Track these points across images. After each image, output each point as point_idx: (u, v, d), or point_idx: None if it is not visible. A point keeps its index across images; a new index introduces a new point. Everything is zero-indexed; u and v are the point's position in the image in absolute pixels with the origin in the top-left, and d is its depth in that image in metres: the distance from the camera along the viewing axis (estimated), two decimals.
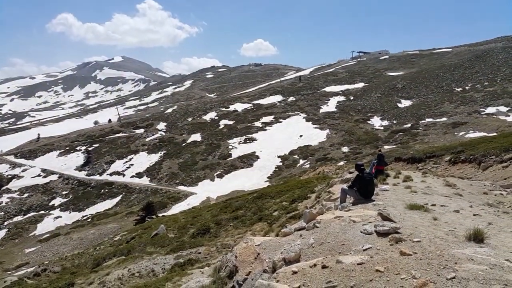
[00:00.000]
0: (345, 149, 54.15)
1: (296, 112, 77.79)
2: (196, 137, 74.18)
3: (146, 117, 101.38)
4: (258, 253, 5.64)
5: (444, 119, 55.89)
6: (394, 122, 61.26)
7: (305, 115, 74.84)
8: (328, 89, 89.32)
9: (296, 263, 5.16)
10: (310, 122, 70.40)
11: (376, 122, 63.68)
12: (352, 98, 79.23)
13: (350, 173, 19.40)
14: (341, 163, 43.88)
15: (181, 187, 55.97)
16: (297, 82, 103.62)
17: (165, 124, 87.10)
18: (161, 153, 69.85)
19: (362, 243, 5.60)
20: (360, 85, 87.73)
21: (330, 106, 77.31)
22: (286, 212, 16.17)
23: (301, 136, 64.82)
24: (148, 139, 78.40)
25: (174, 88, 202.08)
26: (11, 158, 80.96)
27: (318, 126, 67.77)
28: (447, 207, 8.75)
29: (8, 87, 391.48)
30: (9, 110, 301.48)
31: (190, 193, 52.53)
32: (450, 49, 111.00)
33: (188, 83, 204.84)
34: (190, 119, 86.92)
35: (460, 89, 67.08)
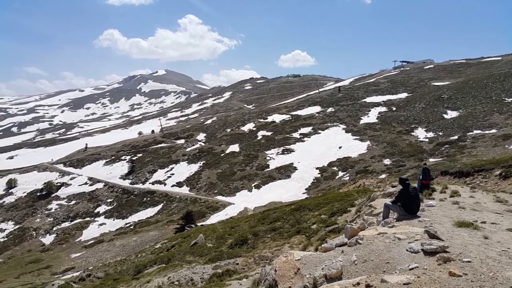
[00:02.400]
0: (387, 161, 52.55)
1: (335, 123, 76.70)
2: (235, 147, 74.90)
3: (186, 128, 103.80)
4: (298, 268, 5.53)
5: (493, 131, 52.97)
6: (440, 133, 58.83)
7: (345, 126, 73.60)
8: (369, 99, 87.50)
9: (338, 280, 5.02)
10: (350, 134, 69.10)
11: (421, 133, 61.43)
12: (394, 108, 77.08)
13: (393, 186, 18.76)
14: (383, 176, 42.59)
15: (219, 197, 56.51)
16: (336, 92, 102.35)
17: (204, 134, 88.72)
18: (200, 163, 71.08)
19: (408, 262, 5.36)
20: (403, 95, 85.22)
21: (371, 117, 75.57)
22: (325, 226, 15.84)
23: (340, 147, 63.70)
24: (188, 149, 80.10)
25: (214, 100, 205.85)
26: (61, 166, 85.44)
27: (358, 137, 66.36)
28: (499, 225, 8.21)
29: (59, 100, 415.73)
30: (60, 121, 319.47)
31: (228, 203, 52.88)
32: (500, 58, 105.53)
33: (227, 95, 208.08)
34: (228, 130, 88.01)
35: (511, 99, 63.51)
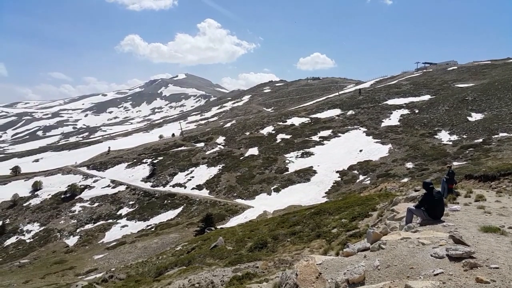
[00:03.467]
0: (409, 165, 51.58)
1: (355, 126, 75.87)
2: (254, 151, 75.00)
3: (206, 131, 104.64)
4: (319, 273, 5.49)
5: None
6: (464, 136, 57.41)
7: (365, 129, 72.70)
8: (390, 102, 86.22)
9: (360, 285, 4.95)
10: (371, 137, 68.20)
11: (444, 136, 60.10)
12: (417, 111, 75.69)
13: (416, 190, 18.39)
14: (405, 179, 41.84)
15: (239, 200, 56.63)
16: (356, 95, 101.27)
17: (224, 138, 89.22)
18: (220, 166, 71.47)
19: (433, 268, 5.25)
20: (426, 97, 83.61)
21: (393, 119, 74.40)
22: (346, 230, 15.66)
23: (361, 150, 62.93)
24: (208, 152, 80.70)
25: (233, 103, 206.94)
26: (84, 169, 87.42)
27: (379, 140, 65.42)
28: None
29: (83, 104, 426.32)
30: (83, 124, 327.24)
31: (247, 206, 52.95)
32: None
33: (246, 98, 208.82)
34: (248, 133, 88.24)
35: None
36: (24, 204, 73.01)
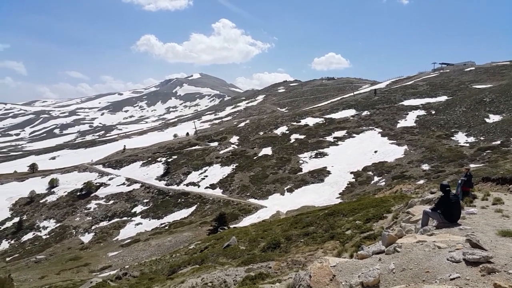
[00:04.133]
0: (425, 166, 50.85)
1: (370, 127, 75.13)
2: (267, 150, 74.96)
3: (220, 130, 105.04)
4: (333, 275, 5.45)
5: None
6: (482, 138, 56.31)
7: (381, 130, 71.93)
8: (406, 102, 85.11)
9: None
10: (386, 138, 67.46)
11: (461, 138, 59.07)
12: (433, 112, 74.54)
13: (432, 193, 18.10)
14: (421, 181, 41.26)
15: (252, 200, 56.68)
16: (372, 95, 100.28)
17: (237, 137, 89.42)
18: (233, 165, 71.65)
19: (449, 272, 5.16)
20: (443, 98, 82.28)
21: (409, 120, 73.43)
22: (360, 232, 15.52)
23: (376, 151, 62.31)
24: (221, 152, 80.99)
25: (247, 103, 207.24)
26: (100, 167, 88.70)
27: (395, 141, 64.66)
28: None
29: (99, 103, 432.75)
30: (100, 123, 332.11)
31: (260, 206, 52.96)
32: None
33: (260, 98, 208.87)
34: (261, 133, 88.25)
35: None
36: (41, 201, 74.47)
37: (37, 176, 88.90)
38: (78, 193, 74.09)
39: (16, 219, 68.20)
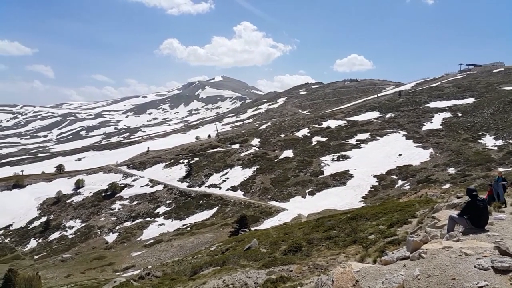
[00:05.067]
0: (451, 170, 49.54)
1: (394, 129, 73.80)
2: (288, 153, 74.68)
3: (241, 133, 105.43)
4: (356, 280, 5.36)
5: None
6: (510, 141, 54.46)
7: (405, 133, 70.55)
8: (432, 104, 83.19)
9: None
10: (411, 140, 66.10)
11: (489, 141, 57.26)
12: (460, 114, 72.59)
13: (458, 197, 17.64)
14: (447, 186, 40.23)
15: (273, 202, 56.56)
16: (396, 97, 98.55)
17: (259, 140, 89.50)
18: (254, 168, 71.71)
19: (477, 280, 5.00)
20: (470, 100, 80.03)
21: (435, 123, 71.72)
22: (384, 237, 15.23)
23: (400, 155, 61.14)
24: (243, 154, 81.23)
25: (268, 105, 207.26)
26: (124, 168, 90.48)
27: (420, 144, 63.28)
28: None
29: (124, 105, 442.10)
30: (124, 125, 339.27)
31: (281, 208, 52.78)
32: None
33: (281, 100, 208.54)
34: (283, 135, 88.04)
35: None
36: (67, 201, 76.58)
37: (64, 177, 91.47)
38: (103, 194, 75.75)
39: (44, 219, 70.40)
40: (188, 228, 54.74)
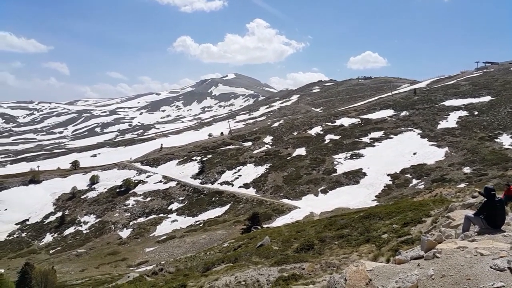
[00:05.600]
0: (466, 169, 48.75)
1: (409, 128, 72.90)
2: (301, 151, 74.46)
3: (254, 130, 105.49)
4: (370, 279, 5.35)
5: None
6: None
7: (420, 131, 69.62)
8: (447, 103, 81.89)
9: None
10: (426, 139, 65.23)
11: (506, 140, 56.15)
12: (476, 113, 71.31)
13: (474, 197, 17.36)
14: (462, 185, 39.62)
15: (285, 200, 56.52)
16: (411, 95, 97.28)
17: (271, 137, 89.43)
18: (267, 165, 71.74)
19: (493, 280, 4.94)
20: (486, 98, 78.52)
21: (450, 121, 70.60)
22: (397, 236, 15.10)
23: (415, 153, 60.41)
24: (255, 151, 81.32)
25: (281, 103, 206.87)
26: (138, 165, 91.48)
27: (435, 143, 62.41)
28: None
29: (138, 102, 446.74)
30: (138, 122, 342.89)
31: (293, 206, 52.73)
32: None
33: (294, 98, 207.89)
34: (295, 133, 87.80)
35: None
36: (82, 197, 77.83)
37: (79, 173, 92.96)
38: (118, 190, 76.75)
39: (59, 214, 71.73)
40: (201, 225, 55.13)
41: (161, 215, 63.69)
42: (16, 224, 71.73)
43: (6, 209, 76.56)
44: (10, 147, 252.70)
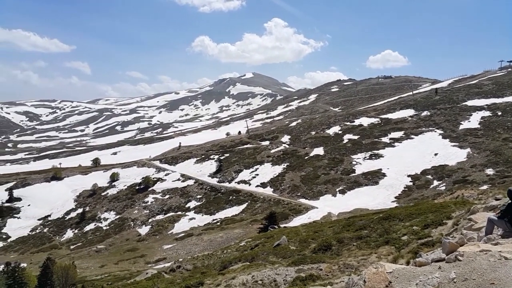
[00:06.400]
0: (489, 171, 47.52)
1: (430, 128, 71.51)
2: (319, 150, 73.99)
3: (271, 129, 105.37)
4: (389, 281, 5.27)
5: None
6: None
7: (442, 132, 68.22)
8: (470, 103, 79.98)
9: None
10: (447, 140, 63.88)
11: None
12: (500, 113, 69.41)
13: (497, 199, 16.88)
14: (485, 187, 38.60)
15: (302, 200, 56.29)
16: (432, 95, 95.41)
17: (289, 137, 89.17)
18: (284, 165, 71.57)
19: None
20: (510, 98, 76.38)
21: (472, 122, 68.95)
22: (417, 238, 14.83)
23: (436, 154, 59.24)
24: (272, 151, 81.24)
25: (299, 102, 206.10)
26: (157, 163, 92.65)
27: (457, 144, 61.06)
28: None
29: (158, 101, 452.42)
30: (158, 121, 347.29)
31: (311, 206, 52.46)
32: None
33: (312, 97, 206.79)
34: (313, 132, 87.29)
35: None
36: (102, 194, 79.33)
37: (100, 170, 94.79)
38: (137, 187, 77.94)
39: (80, 210, 73.33)
40: (218, 223, 55.43)
41: (179, 212, 64.33)
42: (39, 219, 73.70)
43: (29, 205, 78.72)
44: (33, 144, 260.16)
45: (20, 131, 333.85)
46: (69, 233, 67.03)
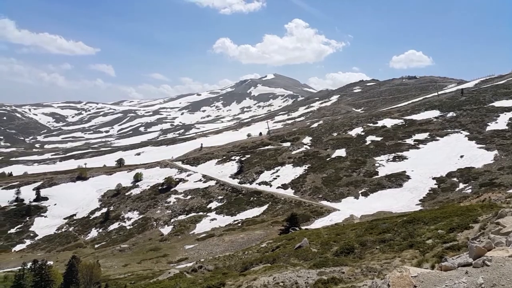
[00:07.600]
0: None
1: (456, 129, 69.71)
2: (341, 152, 73.23)
3: (293, 131, 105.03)
4: (414, 286, 5.19)
5: None
6: None
7: (468, 133, 66.41)
8: (497, 103, 77.54)
9: None
10: (474, 141, 62.13)
11: None
12: None
13: None
14: None
15: (324, 202, 55.84)
16: (458, 95, 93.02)
17: (310, 138, 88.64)
18: (305, 166, 71.18)
19: None
20: None
21: (500, 123, 66.81)
22: (442, 242, 14.51)
23: (462, 156, 57.70)
24: (294, 152, 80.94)
25: (321, 103, 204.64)
26: (179, 164, 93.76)
27: (483, 146, 59.31)
28: None
29: (180, 103, 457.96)
30: (180, 122, 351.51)
31: (333, 209, 51.99)
32: None
33: (334, 98, 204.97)
34: (335, 134, 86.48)
35: None
36: (126, 194, 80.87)
37: (124, 171, 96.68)
38: (160, 188, 79.12)
39: (104, 210, 75.02)
40: (239, 224, 55.63)
41: (201, 213, 64.89)
42: (64, 218, 75.81)
43: (55, 204, 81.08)
44: (59, 145, 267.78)
45: (47, 132, 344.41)
46: (94, 232, 68.59)
